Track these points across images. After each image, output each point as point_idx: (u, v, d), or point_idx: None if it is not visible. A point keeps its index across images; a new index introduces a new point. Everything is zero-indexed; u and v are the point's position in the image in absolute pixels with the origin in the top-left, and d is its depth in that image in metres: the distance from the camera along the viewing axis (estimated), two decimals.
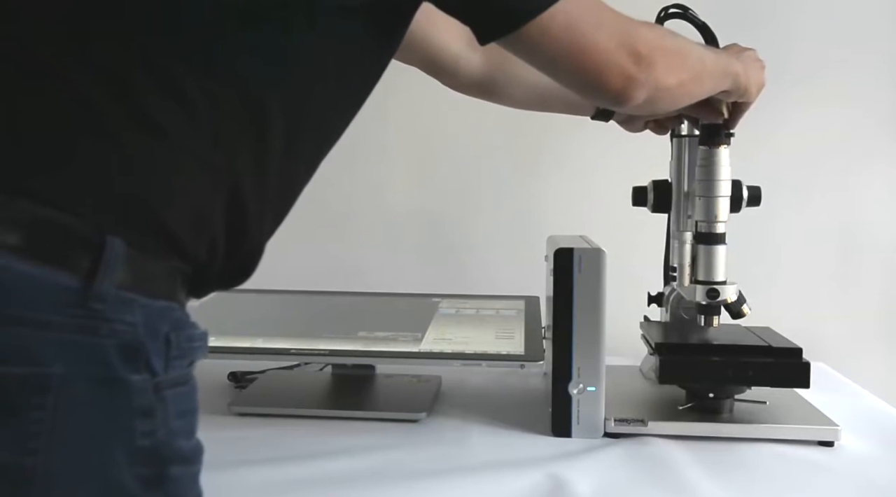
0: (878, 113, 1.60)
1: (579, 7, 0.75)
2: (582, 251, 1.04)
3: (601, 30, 0.76)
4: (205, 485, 0.90)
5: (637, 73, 0.77)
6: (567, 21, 0.73)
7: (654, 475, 0.94)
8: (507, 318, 1.29)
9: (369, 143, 1.71)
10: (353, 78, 0.76)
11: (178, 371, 0.65)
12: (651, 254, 1.26)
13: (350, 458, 0.98)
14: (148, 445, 0.62)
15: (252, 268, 0.75)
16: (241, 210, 0.69)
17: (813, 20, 1.59)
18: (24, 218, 0.59)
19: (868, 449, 1.03)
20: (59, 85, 0.62)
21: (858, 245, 1.62)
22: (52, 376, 0.57)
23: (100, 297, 0.59)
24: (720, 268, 1.06)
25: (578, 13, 0.74)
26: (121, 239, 0.61)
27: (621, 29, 0.77)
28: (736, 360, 1.04)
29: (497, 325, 1.25)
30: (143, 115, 0.63)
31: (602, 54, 0.76)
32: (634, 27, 0.79)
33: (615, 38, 0.76)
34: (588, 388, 1.04)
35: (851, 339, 1.60)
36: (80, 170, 0.61)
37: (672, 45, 0.84)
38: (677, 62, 0.84)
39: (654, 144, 1.12)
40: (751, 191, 1.10)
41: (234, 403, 1.16)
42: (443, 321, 1.26)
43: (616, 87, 0.78)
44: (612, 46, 0.76)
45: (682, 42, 0.86)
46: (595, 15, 0.76)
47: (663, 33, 0.85)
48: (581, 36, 0.75)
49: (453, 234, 1.70)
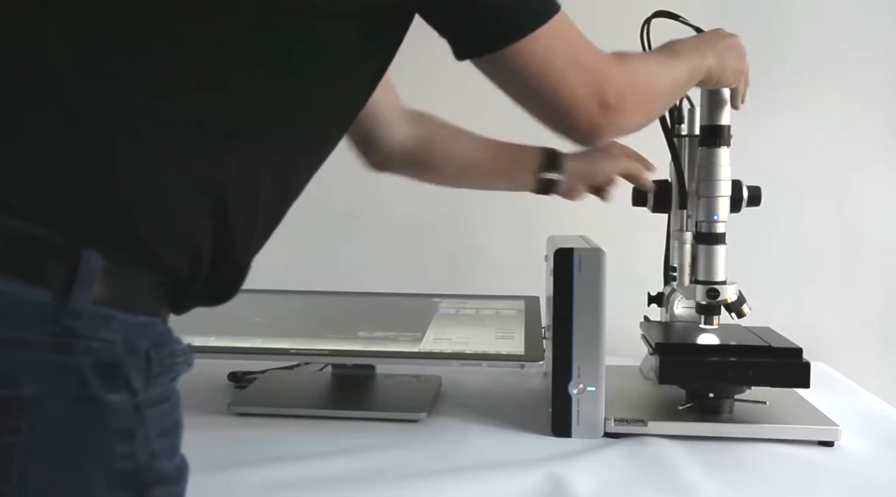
0: (879, 110, 1.60)
1: (559, 39, 0.75)
2: (582, 251, 1.04)
3: (575, 71, 0.76)
4: (205, 485, 0.90)
5: (603, 121, 0.78)
6: (545, 55, 0.74)
7: (654, 475, 0.94)
8: (508, 317, 1.29)
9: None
10: (349, 85, 0.75)
11: (159, 389, 0.63)
12: (651, 254, 1.26)
13: (350, 458, 0.98)
14: (128, 468, 0.60)
15: (238, 284, 0.73)
16: (228, 222, 0.66)
17: (811, 15, 1.59)
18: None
19: (868, 449, 1.03)
20: (34, 96, 0.60)
21: (858, 245, 1.62)
22: (26, 397, 0.55)
23: (74, 313, 0.57)
24: (720, 268, 1.06)
25: (556, 46, 0.75)
26: (98, 252, 0.59)
27: (594, 73, 0.78)
28: (736, 360, 1.04)
29: (497, 325, 1.25)
30: (122, 124, 0.61)
31: (572, 99, 0.77)
32: (608, 68, 0.79)
33: (587, 85, 0.77)
34: (588, 388, 1.04)
35: (851, 339, 1.60)
36: (55, 181, 0.59)
37: (643, 80, 0.84)
38: (646, 98, 0.85)
39: (654, 144, 1.12)
40: (751, 191, 1.10)
41: (234, 403, 1.16)
42: (443, 321, 1.26)
43: (582, 130, 0.79)
44: (584, 92, 0.77)
45: (653, 69, 0.87)
46: (572, 52, 0.76)
47: (635, 67, 0.85)
48: (554, 74, 0.75)
49: (453, 234, 1.70)
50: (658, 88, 0.88)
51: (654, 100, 0.88)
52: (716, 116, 1.05)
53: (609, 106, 0.78)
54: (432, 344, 1.16)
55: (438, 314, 1.30)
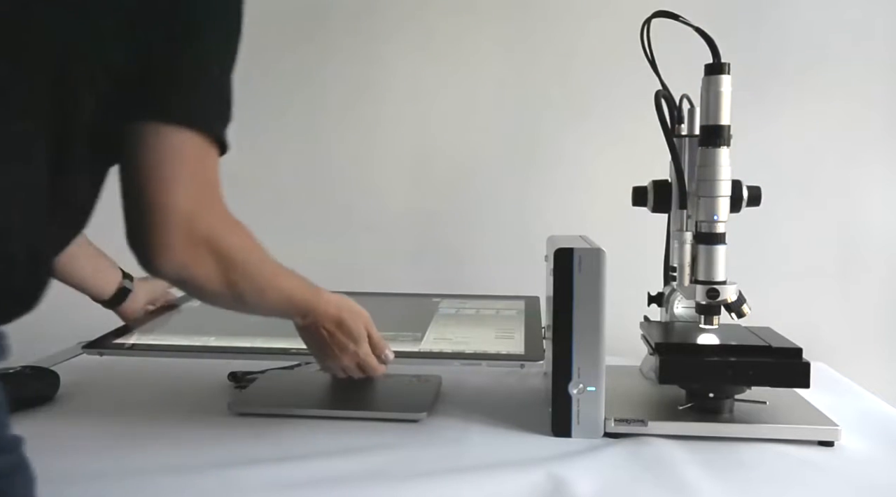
0: (879, 110, 1.60)
1: (199, 156, 0.75)
2: (582, 251, 1.04)
3: (185, 193, 0.74)
4: (205, 485, 0.91)
5: (180, 253, 0.75)
6: (172, 151, 0.73)
7: (654, 475, 0.94)
8: (508, 317, 1.29)
9: (368, 144, 1.72)
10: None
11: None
12: (651, 254, 1.26)
13: (350, 458, 0.98)
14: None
15: (35, 296, 0.73)
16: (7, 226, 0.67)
17: (811, 15, 1.59)
18: None
19: (868, 449, 1.03)
20: None
21: (858, 244, 1.62)
22: None
23: None
24: (720, 268, 1.06)
25: (188, 157, 0.75)
26: None
27: (203, 203, 0.76)
28: (736, 360, 1.04)
29: (497, 325, 1.25)
30: None
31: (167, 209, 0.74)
32: (221, 213, 0.79)
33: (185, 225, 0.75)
34: (588, 388, 1.04)
35: (851, 339, 1.60)
36: None
37: (242, 249, 0.82)
38: (231, 268, 0.81)
39: (654, 144, 1.12)
40: (751, 191, 1.10)
41: (234, 403, 1.16)
42: (443, 321, 1.26)
43: (151, 244, 0.75)
44: (183, 209, 0.75)
45: (260, 254, 0.86)
46: (197, 173, 0.76)
47: (246, 237, 0.83)
48: (167, 178, 0.74)
49: (453, 234, 1.70)
50: (255, 275, 0.85)
51: (241, 280, 0.83)
52: (716, 116, 1.05)
53: (194, 242, 0.76)
54: (432, 344, 1.16)
55: (438, 314, 1.30)
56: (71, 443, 1.03)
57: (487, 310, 1.33)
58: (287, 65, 1.70)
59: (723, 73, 1.04)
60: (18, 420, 1.11)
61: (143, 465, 0.95)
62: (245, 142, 1.72)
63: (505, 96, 1.66)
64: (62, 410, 1.16)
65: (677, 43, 1.08)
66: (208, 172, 0.77)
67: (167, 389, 1.20)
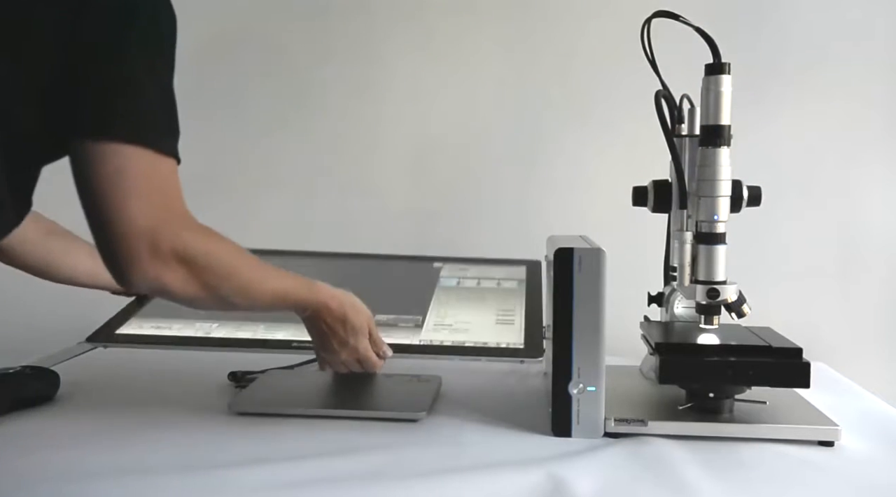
0: (879, 110, 1.60)
1: (147, 170, 0.76)
2: (582, 251, 1.04)
3: (139, 210, 0.75)
4: (205, 485, 0.91)
5: (148, 267, 0.77)
6: (118, 169, 0.75)
7: (654, 475, 0.94)
8: (509, 292, 1.27)
9: (368, 144, 1.72)
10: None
11: None
12: (651, 254, 1.26)
13: (349, 458, 0.98)
14: None
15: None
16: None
17: (811, 15, 1.59)
18: None
19: (868, 449, 1.03)
20: None
21: (859, 244, 1.62)
22: None
23: None
24: (720, 268, 1.06)
25: (141, 171, 0.75)
26: None
27: (165, 214, 0.77)
28: (736, 360, 1.04)
29: (498, 303, 1.23)
30: None
31: (128, 223, 0.75)
32: (185, 221, 0.80)
33: (151, 219, 0.76)
34: (588, 388, 1.04)
35: (851, 339, 1.60)
36: None
37: (217, 254, 0.83)
38: (211, 274, 0.83)
39: (653, 144, 1.12)
40: (751, 191, 1.10)
41: (234, 403, 1.16)
42: (443, 298, 1.25)
43: (119, 262, 0.77)
44: (143, 225, 0.76)
45: (238, 255, 0.87)
46: (146, 191, 0.76)
47: (217, 241, 0.84)
48: (119, 196, 0.75)
49: (453, 234, 1.70)
50: (232, 274, 0.85)
51: (219, 282, 0.84)
52: (716, 116, 1.05)
53: (160, 254, 0.77)
54: (432, 332, 1.15)
55: (440, 288, 1.29)
56: (70, 442, 1.03)
57: (488, 280, 1.31)
58: (287, 65, 1.70)
59: (723, 74, 1.04)
60: (18, 420, 1.11)
61: (142, 464, 0.95)
62: (245, 142, 1.73)
63: (505, 96, 1.66)
64: (62, 410, 1.16)
65: (677, 43, 1.08)
66: (162, 184, 0.77)
67: (167, 389, 1.20)
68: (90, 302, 1.26)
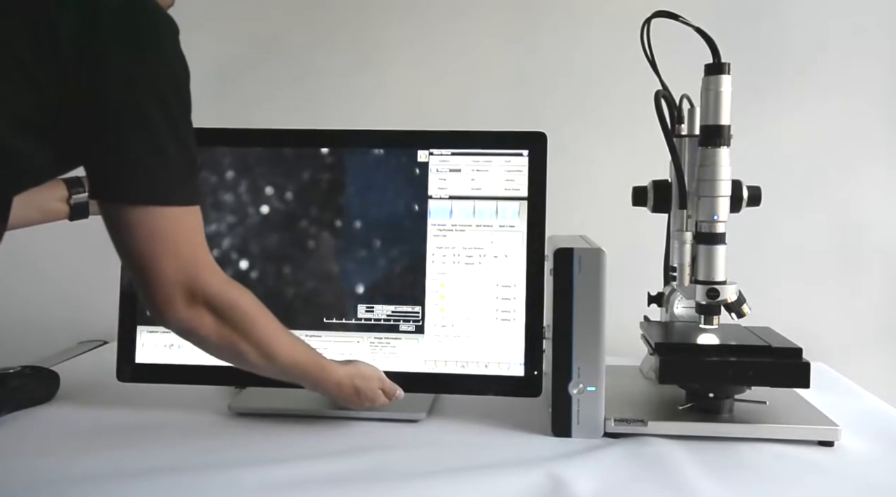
0: (879, 110, 1.60)
1: (174, 227, 0.82)
2: (582, 251, 1.04)
3: (171, 267, 0.83)
4: (205, 485, 0.91)
5: (182, 313, 0.85)
6: (151, 233, 0.81)
7: (654, 475, 0.94)
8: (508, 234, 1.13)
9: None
10: None
11: None
12: (651, 254, 1.26)
13: (350, 458, 0.98)
14: None
15: None
16: None
17: (811, 15, 1.59)
18: None
19: (868, 449, 1.03)
20: None
21: (858, 244, 1.62)
22: None
23: None
24: (720, 268, 1.06)
25: (170, 230, 0.82)
26: None
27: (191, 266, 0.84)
28: (736, 360, 1.04)
29: (497, 275, 1.14)
30: None
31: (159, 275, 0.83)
32: (214, 274, 0.86)
33: (180, 272, 0.83)
34: (588, 388, 1.04)
35: (851, 339, 1.60)
36: None
37: (244, 309, 0.90)
38: (237, 326, 0.89)
39: (653, 144, 1.12)
40: (751, 191, 1.10)
41: (234, 403, 1.16)
42: (438, 278, 1.16)
43: (157, 306, 0.84)
44: (174, 278, 0.83)
45: (262, 313, 0.93)
46: (175, 249, 0.83)
47: (245, 296, 0.91)
48: (154, 255, 0.82)
49: None
50: (254, 326, 0.91)
51: (242, 330, 0.90)
52: (716, 116, 1.05)
53: (192, 302, 0.85)
54: (434, 341, 1.16)
55: (431, 274, 1.17)
56: (70, 442, 1.03)
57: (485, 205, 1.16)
58: (286, 60, 1.70)
59: (723, 73, 1.04)
60: (18, 420, 1.12)
61: (142, 464, 0.95)
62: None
63: (505, 95, 1.66)
64: (62, 410, 1.16)
65: (677, 43, 1.08)
66: (189, 237, 0.84)
67: (167, 389, 1.20)
68: (90, 302, 1.25)
